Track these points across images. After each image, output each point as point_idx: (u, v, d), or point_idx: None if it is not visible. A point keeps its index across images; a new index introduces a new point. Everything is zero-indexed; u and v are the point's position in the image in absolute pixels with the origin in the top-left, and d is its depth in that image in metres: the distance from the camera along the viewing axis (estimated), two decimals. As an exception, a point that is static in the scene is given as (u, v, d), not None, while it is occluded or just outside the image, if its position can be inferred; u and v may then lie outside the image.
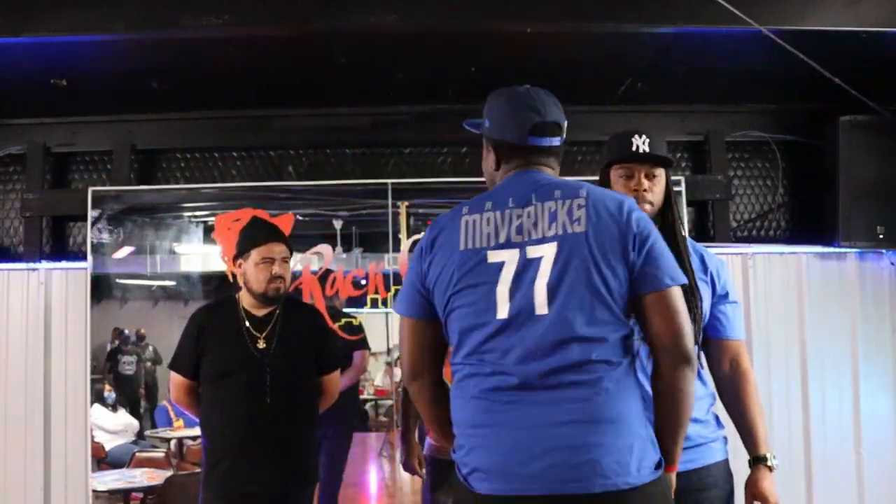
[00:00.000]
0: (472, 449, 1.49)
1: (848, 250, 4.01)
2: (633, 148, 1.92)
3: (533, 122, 1.61)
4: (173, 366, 2.66)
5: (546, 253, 1.48)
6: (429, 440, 2.72)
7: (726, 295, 2.00)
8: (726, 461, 1.94)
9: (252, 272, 2.59)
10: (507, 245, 1.50)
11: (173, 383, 2.66)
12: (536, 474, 1.39)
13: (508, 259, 1.50)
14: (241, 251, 2.64)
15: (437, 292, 1.54)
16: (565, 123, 1.66)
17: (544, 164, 1.64)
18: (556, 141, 1.64)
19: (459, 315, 1.51)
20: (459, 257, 1.51)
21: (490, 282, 1.48)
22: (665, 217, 1.97)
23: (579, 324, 1.44)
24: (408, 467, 2.74)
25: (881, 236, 3.86)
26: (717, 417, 1.97)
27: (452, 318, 1.52)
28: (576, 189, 1.55)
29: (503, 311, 1.47)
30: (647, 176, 1.93)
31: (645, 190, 1.92)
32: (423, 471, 2.70)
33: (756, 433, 1.96)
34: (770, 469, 1.93)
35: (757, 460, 1.95)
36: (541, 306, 1.45)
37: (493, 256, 1.50)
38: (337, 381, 2.79)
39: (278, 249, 2.61)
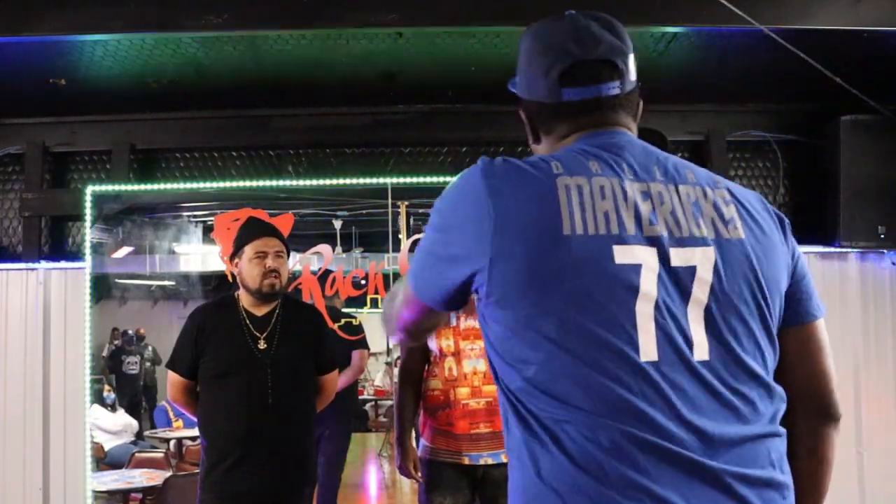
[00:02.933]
0: None
1: (849, 250, 4.00)
2: None
3: (564, 67, 1.08)
4: (171, 365, 2.65)
5: (699, 262, 0.98)
6: (423, 442, 2.71)
7: None
8: None
9: (247, 268, 2.59)
10: (639, 239, 0.97)
11: (170, 383, 2.66)
12: None
13: (645, 262, 0.96)
14: (237, 249, 2.64)
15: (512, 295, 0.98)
16: (629, 58, 1.11)
17: (616, 123, 1.10)
18: (613, 88, 1.08)
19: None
20: (566, 247, 0.94)
21: (620, 299, 0.95)
22: None
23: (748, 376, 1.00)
24: (403, 471, 2.73)
25: (882, 236, 3.85)
26: None
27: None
28: (708, 173, 1.09)
29: (648, 351, 0.94)
30: None
31: None
32: (419, 474, 2.69)
33: None
34: None
35: None
36: (699, 347, 0.97)
37: (622, 255, 0.95)
38: (335, 381, 2.79)
39: (271, 244, 2.61)
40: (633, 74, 1.12)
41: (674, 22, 3.18)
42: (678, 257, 0.97)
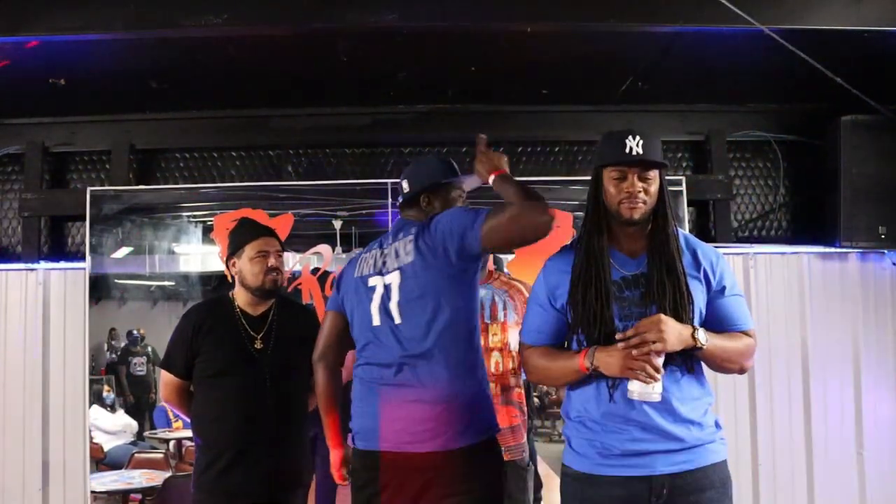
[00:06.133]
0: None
1: (849, 250, 4.00)
2: (627, 150, 1.91)
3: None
4: (165, 365, 2.65)
5: (392, 279, 2.15)
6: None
7: (723, 290, 1.96)
8: (724, 462, 1.93)
9: (248, 267, 2.60)
10: (375, 274, 2.20)
11: (164, 383, 2.65)
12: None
13: (378, 283, 2.18)
14: (235, 249, 2.64)
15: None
16: (404, 182, 2.33)
17: (406, 214, 2.33)
18: (398, 203, 2.36)
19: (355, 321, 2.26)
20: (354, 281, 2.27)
21: (368, 298, 2.20)
22: (657, 215, 1.96)
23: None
24: None
25: (883, 236, 3.85)
26: (715, 421, 1.96)
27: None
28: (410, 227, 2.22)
29: (375, 320, 2.17)
30: (640, 178, 1.92)
31: (638, 191, 1.92)
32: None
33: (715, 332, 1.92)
34: (694, 338, 1.84)
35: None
36: (397, 316, 2.12)
37: (371, 281, 2.21)
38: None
39: (271, 243, 2.65)
40: (406, 189, 2.34)
41: (674, 22, 3.18)
42: (388, 279, 2.16)
